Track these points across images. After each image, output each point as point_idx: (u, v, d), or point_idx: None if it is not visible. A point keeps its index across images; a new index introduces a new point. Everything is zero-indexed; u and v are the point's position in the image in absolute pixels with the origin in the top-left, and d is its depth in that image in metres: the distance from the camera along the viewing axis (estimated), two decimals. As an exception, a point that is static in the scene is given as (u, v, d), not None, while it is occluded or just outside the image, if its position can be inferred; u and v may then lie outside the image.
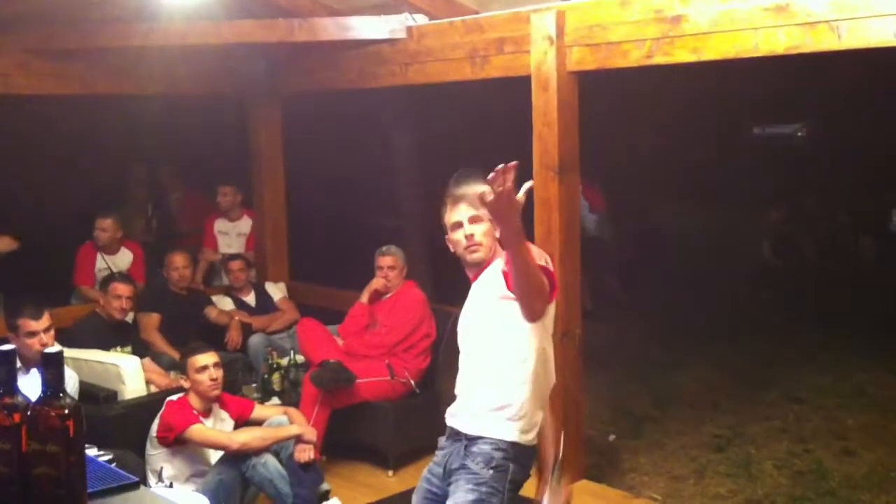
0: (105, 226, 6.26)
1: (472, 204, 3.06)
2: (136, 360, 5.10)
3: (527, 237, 2.79)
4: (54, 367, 1.72)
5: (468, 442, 3.05)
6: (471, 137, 7.77)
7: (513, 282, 2.87)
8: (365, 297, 5.55)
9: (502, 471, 2.99)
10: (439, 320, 5.43)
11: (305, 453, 4.45)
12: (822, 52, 3.69)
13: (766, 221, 9.98)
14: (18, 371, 1.83)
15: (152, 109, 7.02)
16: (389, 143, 8.16)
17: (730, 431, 5.81)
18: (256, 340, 6.07)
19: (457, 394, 3.19)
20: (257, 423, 4.57)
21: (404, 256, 5.63)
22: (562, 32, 4.48)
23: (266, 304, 6.53)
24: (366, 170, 8.43)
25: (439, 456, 3.18)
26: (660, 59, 4.18)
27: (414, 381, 5.35)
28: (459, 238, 3.14)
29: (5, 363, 1.73)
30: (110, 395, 4.85)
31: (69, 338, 5.04)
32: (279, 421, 4.57)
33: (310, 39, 5.59)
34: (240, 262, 6.52)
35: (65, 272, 6.38)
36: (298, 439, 4.47)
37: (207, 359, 4.46)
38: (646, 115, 9.37)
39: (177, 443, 4.38)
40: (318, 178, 8.31)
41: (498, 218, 2.73)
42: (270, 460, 4.34)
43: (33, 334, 4.22)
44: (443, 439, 3.22)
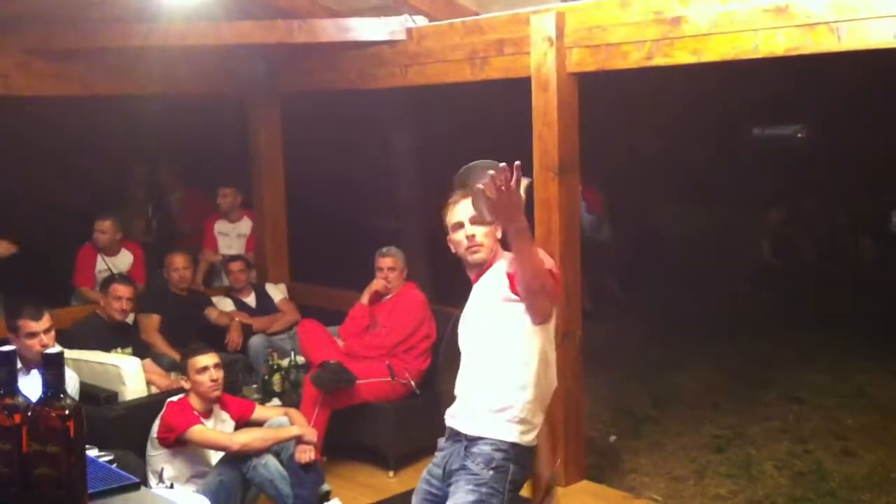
0: (104, 228, 6.26)
1: (475, 204, 3.06)
2: (136, 362, 5.10)
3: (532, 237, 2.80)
4: (55, 368, 1.72)
5: (468, 443, 3.05)
6: (470, 139, 7.73)
7: (518, 282, 2.86)
8: (365, 299, 5.55)
9: (502, 471, 2.99)
10: (439, 321, 5.43)
11: (306, 454, 4.45)
12: (822, 54, 3.69)
13: (766, 222, 9.99)
14: (19, 372, 1.83)
15: (152, 110, 7.01)
16: (389, 145, 8.16)
17: (730, 432, 5.81)
18: (257, 341, 6.07)
19: (456, 395, 3.19)
20: (258, 424, 4.57)
21: (404, 258, 5.63)
22: (561, 34, 4.48)
23: (266, 306, 6.53)
24: (366, 171, 8.42)
25: (439, 457, 3.18)
26: (659, 61, 4.18)
27: (414, 382, 5.35)
28: (460, 239, 3.13)
29: (6, 364, 1.73)
30: (111, 396, 4.85)
31: (69, 339, 5.05)
32: (280, 422, 4.57)
33: (309, 41, 5.60)
34: (240, 264, 6.52)
35: (65, 273, 6.37)
36: (299, 440, 4.47)
37: (208, 360, 4.47)
38: (646, 116, 9.35)
39: (177, 444, 4.38)
40: (318, 179, 8.30)
41: (502, 217, 2.73)
42: (271, 461, 4.34)
43: (34, 335, 4.21)
44: (442, 440, 3.22)
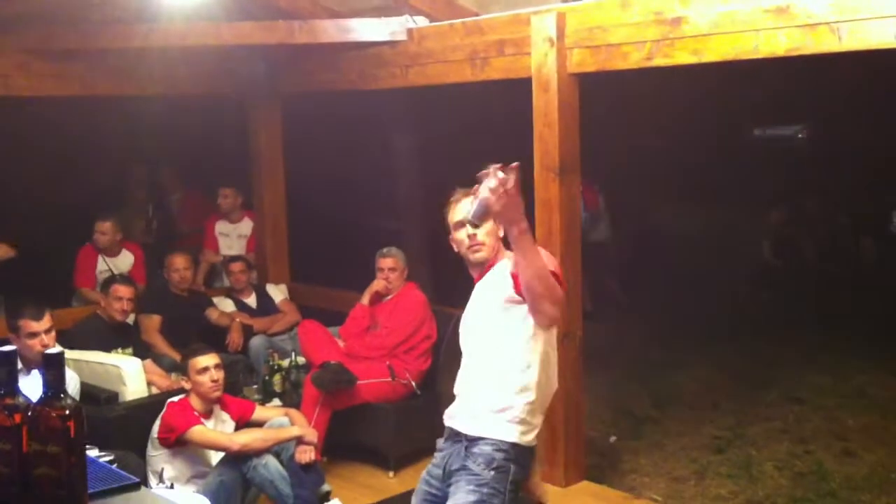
0: (104, 229, 6.26)
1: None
2: (137, 362, 5.10)
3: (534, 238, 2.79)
4: (55, 368, 1.72)
5: (469, 443, 3.04)
6: (471, 139, 7.76)
7: (522, 285, 2.85)
8: (366, 299, 5.54)
9: (503, 471, 2.99)
10: (440, 322, 5.43)
11: (306, 454, 4.45)
12: (823, 54, 3.69)
13: (767, 223, 9.99)
14: (19, 372, 1.83)
15: (152, 110, 7.01)
16: (390, 145, 8.16)
17: (730, 432, 5.81)
18: (257, 342, 6.07)
19: (456, 394, 3.18)
20: (258, 425, 4.57)
21: (405, 258, 5.63)
22: (562, 34, 4.48)
23: (267, 306, 6.53)
24: (366, 171, 8.42)
25: (438, 457, 3.18)
26: (660, 61, 4.18)
27: (415, 383, 5.35)
28: (462, 237, 3.13)
29: (6, 364, 1.73)
30: (111, 397, 4.85)
31: (70, 339, 5.05)
32: (280, 422, 4.57)
33: (310, 41, 5.59)
34: (241, 264, 6.52)
35: (65, 273, 6.37)
36: (299, 440, 4.47)
37: (208, 360, 4.46)
38: (646, 116, 9.36)
39: (178, 444, 4.38)
40: (319, 179, 8.30)
41: (503, 220, 2.74)
42: (271, 461, 4.33)
43: (34, 335, 4.21)
44: (441, 441, 3.21)
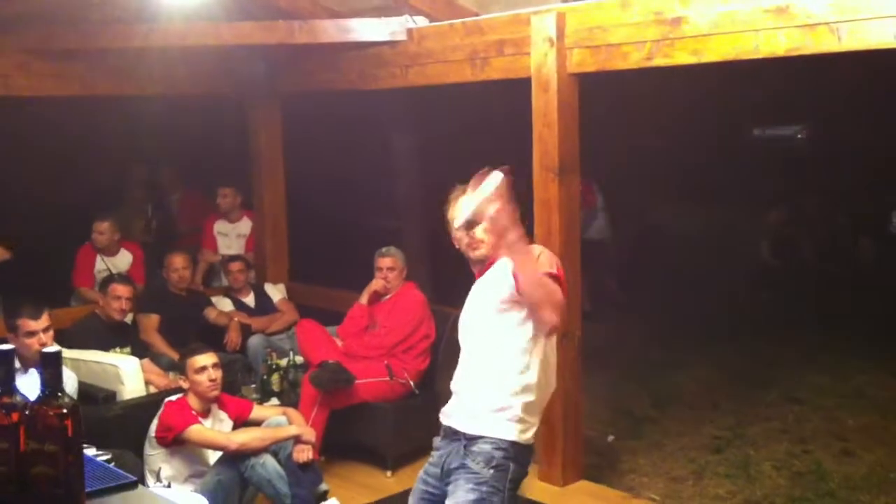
0: (102, 229, 6.25)
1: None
2: (135, 361, 5.10)
3: (529, 242, 2.80)
4: (53, 367, 1.72)
5: (468, 441, 3.04)
6: (471, 139, 7.76)
7: (521, 291, 2.87)
8: (364, 299, 5.54)
9: (503, 470, 2.99)
10: (439, 321, 5.43)
11: (304, 454, 4.44)
12: (823, 54, 3.69)
13: (766, 223, 9.99)
14: (17, 371, 1.83)
15: (152, 110, 7.01)
16: (389, 145, 8.16)
17: (729, 432, 5.81)
18: (256, 341, 6.07)
19: (453, 391, 3.17)
20: (256, 424, 4.56)
21: (404, 258, 5.63)
22: (562, 34, 4.48)
23: (265, 306, 6.53)
24: (366, 171, 8.42)
25: (435, 456, 3.17)
26: (660, 61, 4.18)
27: (413, 382, 5.35)
28: (461, 236, 3.14)
29: (4, 363, 1.73)
30: (109, 396, 4.85)
31: (69, 339, 5.04)
32: (278, 421, 4.56)
33: (310, 41, 5.59)
34: (239, 264, 6.52)
35: (64, 273, 6.36)
36: (297, 440, 4.46)
37: (206, 359, 4.46)
38: (646, 116, 9.36)
39: (175, 443, 4.38)
40: (318, 179, 8.30)
41: (494, 228, 2.76)
42: (269, 461, 4.33)
43: (32, 334, 4.22)
44: (437, 439, 3.21)
